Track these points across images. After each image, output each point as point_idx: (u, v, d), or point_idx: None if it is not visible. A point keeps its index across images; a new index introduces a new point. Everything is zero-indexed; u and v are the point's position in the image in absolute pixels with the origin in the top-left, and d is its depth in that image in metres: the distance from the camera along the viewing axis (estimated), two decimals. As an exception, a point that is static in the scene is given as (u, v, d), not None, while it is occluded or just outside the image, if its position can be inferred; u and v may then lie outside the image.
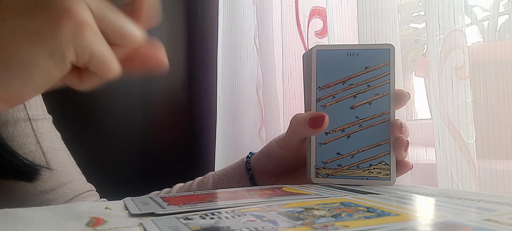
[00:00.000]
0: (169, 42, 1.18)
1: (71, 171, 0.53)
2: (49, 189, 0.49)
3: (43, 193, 0.48)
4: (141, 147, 1.20)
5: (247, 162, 0.51)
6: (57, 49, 0.25)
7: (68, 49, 0.26)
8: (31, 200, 0.48)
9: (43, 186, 0.49)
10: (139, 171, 1.16)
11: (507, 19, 0.51)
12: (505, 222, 0.23)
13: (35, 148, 0.47)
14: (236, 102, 0.90)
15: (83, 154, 0.57)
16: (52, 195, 0.49)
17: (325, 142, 0.42)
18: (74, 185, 0.52)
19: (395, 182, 0.41)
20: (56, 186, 0.50)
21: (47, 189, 0.49)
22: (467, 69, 0.46)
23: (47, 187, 0.49)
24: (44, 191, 0.48)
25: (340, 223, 0.23)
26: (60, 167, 0.51)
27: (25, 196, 0.47)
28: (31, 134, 0.48)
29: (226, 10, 0.93)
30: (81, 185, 0.53)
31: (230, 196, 0.35)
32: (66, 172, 0.51)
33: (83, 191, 0.53)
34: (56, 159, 0.50)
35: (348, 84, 0.42)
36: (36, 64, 0.25)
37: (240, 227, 0.23)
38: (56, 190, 0.50)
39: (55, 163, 0.50)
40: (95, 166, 0.68)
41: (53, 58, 0.26)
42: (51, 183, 0.49)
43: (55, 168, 0.50)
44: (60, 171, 0.50)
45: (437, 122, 0.49)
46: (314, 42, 0.70)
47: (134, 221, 0.26)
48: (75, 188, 0.52)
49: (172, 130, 1.25)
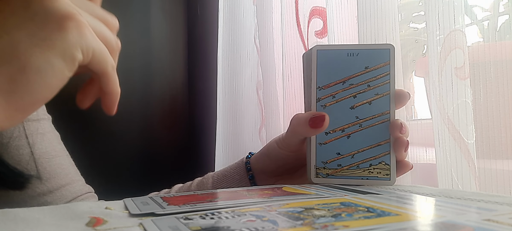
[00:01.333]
0: (169, 42, 1.18)
1: (69, 173, 0.53)
2: (47, 191, 0.49)
3: (41, 195, 0.48)
4: (141, 147, 1.20)
5: (247, 162, 0.51)
6: (67, 50, 0.28)
7: (76, 49, 0.28)
8: (29, 202, 0.48)
9: (41, 188, 0.49)
10: (139, 171, 1.16)
11: (507, 19, 0.51)
12: (505, 222, 0.23)
13: (27, 151, 0.47)
14: (236, 102, 0.90)
15: (83, 154, 0.57)
16: (50, 197, 0.49)
17: (325, 142, 0.42)
18: (73, 187, 0.52)
19: (395, 182, 0.41)
20: (54, 188, 0.49)
21: (45, 191, 0.49)
22: (467, 69, 0.46)
23: (45, 189, 0.49)
24: (42, 193, 0.48)
25: (340, 223, 0.23)
26: (59, 169, 0.51)
27: (23, 198, 0.47)
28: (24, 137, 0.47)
29: (226, 10, 0.93)
30: (79, 187, 0.53)
31: (230, 196, 0.35)
32: (64, 174, 0.51)
33: (82, 193, 0.53)
34: (54, 161, 0.50)
35: (348, 84, 0.42)
36: (52, 66, 0.28)
37: (240, 227, 0.23)
38: (55, 192, 0.49)
39: (53, 164, 0.50)
40: (95, 166, 0.68)
41: (65, 59, 0.28)
42: (49, 185, 0.49)
43: (53, 170, 0.50)
44: (58, 173, 0.50)
45: (437, 122, 0.49)
46: (314, 42, 0.70)
47: (134, 221, 0.26)
48: (73, 190, 0.52)
49: (172, 130, 1.25)
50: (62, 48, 0.28)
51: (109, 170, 1.04)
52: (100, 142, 1.06)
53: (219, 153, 0.94)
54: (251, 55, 0.88)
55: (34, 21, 0.28)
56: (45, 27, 0.28)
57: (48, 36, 0.27)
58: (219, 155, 0.94)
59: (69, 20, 0.28)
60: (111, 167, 1.08)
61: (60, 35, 0.28)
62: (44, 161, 0.49)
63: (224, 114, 0.92)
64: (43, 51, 0.27)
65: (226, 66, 0.92)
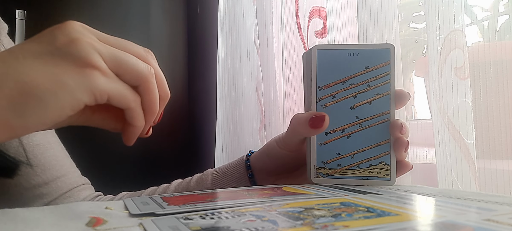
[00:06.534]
0: (169, 42, 1.18)
1: (64, 164, 0.53)
2: (43, 182, 0.49)
3: (37, 186, 0.48)
4: (141, 147, 1.20)
5: (247, 161, 0.51)
6: (76, 93, 0.29)
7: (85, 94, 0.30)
8: (24, 194, 0.48)
9: (36, 179, 0.49)
10: (139, 171, 1.16)
11: (507, 19, 0.51)
12: (505, 222, 0.23)
13: (17, 143, 0.47)
14: (236, 102, 0.90)
15: (83, 153, 0.57)
16: (45, 188, 0.49)
17: (325, 142, 0.42)
18: (68, 178, 0.52)
19: (395, 182, 0.41)
20: (49, 180, 0.49)
21: (40, 182, 0.49)
22: (467, 69, 0.46)
23: (40, 180, 0.49)
24: (37, 185, 0.48)
25: (340, 223, 0.23)
26: (54, 161, 0.51)
27: (18, 190, 0.47)
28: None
29: (226, 10, 0.93)
30: (75, 178, 0.53)
31: (230, 196, 0.35)
32: (59, 165, 0.51)
33: (78, 184, 0.53)
34: (48, 153, 0.50)
35: (348, 84, 0.42)
36: (55, 102, 0.29)
37: (240, 227, 0.23)
38: (50, 184, 0.50)
39: (48, 156, 0.50)
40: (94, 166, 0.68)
41: (71, 100, 0.29)
42: (44, 176, 0.49)
43: (48, 162, 0.50)
44: (53, 165, 0.50)
45: (437, 122, 0.49)
46: (314, 42, 0.70)
47: (134, 221, 0.26)
48: (69, 182, 0.52)
49: (172, 129, 1.25)
50: (71, 89, 0.29)
51: (109, 170, 1.04)
52: (100, 141, 1.06)
53: (219, 152, 0.94)
54: (251, 55, 0.88)
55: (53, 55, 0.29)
56: (61, 65, 0.29)
57: (61, 74, 0.29)
58: (219, 155, 0.94)
59: (84, 65, 0.29)
60: (111, 167, 1.08)
61: (73, 78, 0.29)
62: (38, 153, 0.49)
63: (224, 114, 0.92)
64: (50, 87, 0.28)
65: (226, 66, 0.92)
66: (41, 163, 0.50)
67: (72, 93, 0.29)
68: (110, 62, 0.31)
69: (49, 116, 0.29)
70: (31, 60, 0.29)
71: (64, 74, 0.29)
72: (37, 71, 0.28)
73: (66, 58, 0.29)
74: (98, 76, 0.30)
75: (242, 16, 0.90)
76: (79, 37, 0.30)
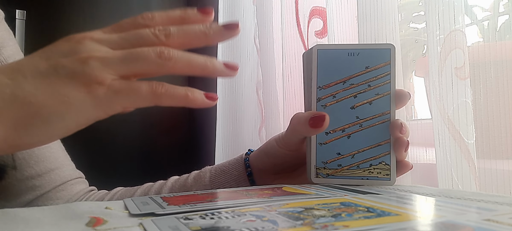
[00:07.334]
0: (169, 42, 1.18)
1: (59, 157, 0.52)
2: (36, 174, 0.49)
3: (30, 178, 0.48)
4: (141, 146, 1.20)
5: (246, 159, 0.51)
6: (82, 112, 0.29)
7: (93, 112, 0.29)
8: (17, 185, 0.48)
9: (30, 171, 0.49)
10: (139, 171, 1.16)
11: (507, 19, 0.51)
12: (505, 222, 0.23)
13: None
14: (236, 102, 0.90)
15: (83, 153, 0.57)
16: (38, 180, 0.49)
17: (326, 141, 0.42)
18: (62, 171, 0.52)
19: (395, 182, 0.41)
20: (43, 172, 0.49)
21: (33, 174, 0.49)
22: (467, 69, 0.46)
23: (33, 172, 0.49)
24: (30, 177, 0.48)
25: (340, 223, 0.23)
26: (48, 153, 0.50)
27: (11, 182, 0.47)
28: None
29: (226, 10, 0.93)
30: (69, 171, 0.53)
31: (230, 196, 0.35)
32: (53, 157, 0.51)
33: (72, 177, 0.53)
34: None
35: (349, 84, 0.42)
36: (61, 122, 0.28)
37: (240, 227, 0.23)
38: (43, 176, 0.49)
39: (42, 148, 0.50)
40: (94, 165, 0.68)
41: (77, 119, 0.29)
42: (37, 168, 0.49)
43: (42, 154, 0.50)
44: (47, 157, 0.50)
45: (437, 122, 0.49)
46: (314, 42, 0.70)
47: (134, 221, 0.26)
48: (63, 175, 0.52)
49: (172, 129, 1.25)
50: (76, 108, 0.28)
51: (109, 170, 1.04)
52: (100, 141, 1.06)
53: (219, 152, 0.94)
54: (251, 55, 0.88)
55: (58, 73, 0.28)
56: (68, 84, 0.28)
57: (68, 93, 0.28)
58: (219, 155, 0.94)
59: (93, 82, 0.29)
60: (111, 167, 1.08)
61: (80, 98, 0.28)
62: None
63: (224, 114, 0.92)
64: (57, 106, 0.28)
65: (226, 66, 0.92)
66: (34, 154, 0.49)
67: (78, 113, 0.29)
68: (119, 70, 0.30)
69: (56, 134, 0.29)
70: (40, 80, 0.28)
71: (70, 94, 0.28)
72: (44, 93, 0.28)
73: (72, 77, 0.29)
74: (105, 93, 0.29)
75: (242, 16, 0.90)
76: (85, 55, 0.29)
